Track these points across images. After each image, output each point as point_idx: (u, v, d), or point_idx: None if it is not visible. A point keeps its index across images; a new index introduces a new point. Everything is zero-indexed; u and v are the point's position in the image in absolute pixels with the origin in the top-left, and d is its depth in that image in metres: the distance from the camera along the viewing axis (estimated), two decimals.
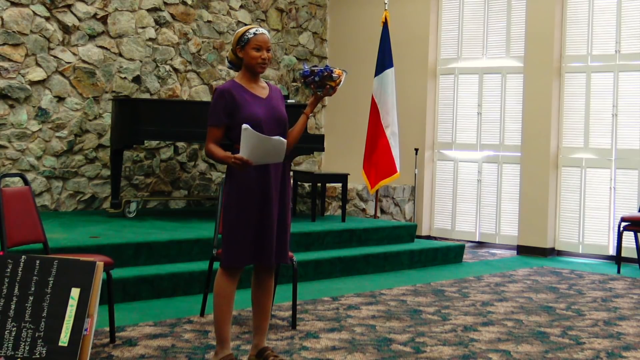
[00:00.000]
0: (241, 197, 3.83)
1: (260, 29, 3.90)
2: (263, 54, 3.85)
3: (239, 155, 3.68)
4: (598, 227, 8.58)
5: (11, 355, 3.54)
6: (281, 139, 3.73)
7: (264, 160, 3.75)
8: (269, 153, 3.73)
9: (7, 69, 7.56)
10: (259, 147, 3.68)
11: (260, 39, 3.85)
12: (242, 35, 3.88)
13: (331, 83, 3.93)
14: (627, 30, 8.49)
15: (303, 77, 3.97)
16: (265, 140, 3.69)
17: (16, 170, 7.58)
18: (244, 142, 3.65)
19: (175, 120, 7.55)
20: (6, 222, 4.16)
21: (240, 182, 3.84)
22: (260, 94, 3.92)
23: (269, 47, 3.88)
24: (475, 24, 9.55)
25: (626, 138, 8.45)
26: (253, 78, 3.93)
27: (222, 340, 3.89)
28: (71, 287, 3.65)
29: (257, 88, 3.94)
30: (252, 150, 3.67)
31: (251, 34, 3.85)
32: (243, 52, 3.87)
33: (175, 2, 8.90)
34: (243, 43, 3.86)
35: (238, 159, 3.67)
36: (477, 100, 9.50)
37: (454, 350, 4.48)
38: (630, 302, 6.10)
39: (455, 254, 8.10)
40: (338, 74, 3.93)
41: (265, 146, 3.69)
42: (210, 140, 3.86)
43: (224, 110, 3.82)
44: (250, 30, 3.88)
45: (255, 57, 3.85)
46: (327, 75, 3.92)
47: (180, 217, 8.00)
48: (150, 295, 5.67)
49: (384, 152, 8.61)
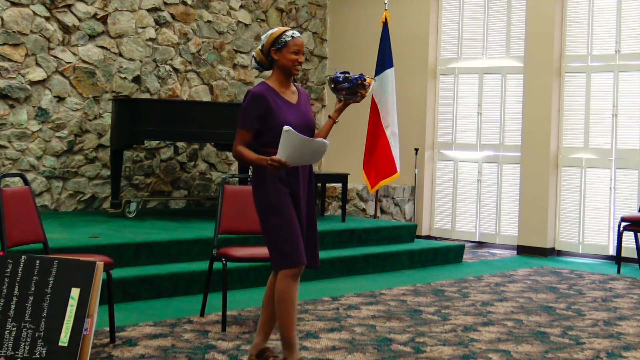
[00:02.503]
0: (277, 198, 3.80)
1: (296, 32, 3.91)
2: (300, 57, 3.86)
3: (276, 157, 3.64)
4: (598, 227, 8.58)
5: (11, 355, 3.54)
6: (324, 141, 3.71)
7: (300, 162, 3.74)
8: (307, 155, 3.71)
9: (7, 69, 7.56)
10: (299, 149, 3.65)
11: (299, 43, 3.85)
12: (278, 37, 3.85)
13: (362, 91, 3.91)
14: (627, 30, 8.49)
15: (334, 83, 3.92)
16: (307, 143, 3.67)
17: (16, 170, 7.58)
18: (284, 143, 3.61)
19: (175, 120, 7.55)
20: (6, 222, 4.16)
21: (272, 185, 3.80)
22: (291, 99, 3.91)
23: (304, 50, 3.91)
24: (475, 24, 9.55)
25: (626, 138, 8.45)
26: (285, 81, 3.92)
27: (290, 344, 3.83)
28: (71, 287, 3.65)
29: (288, 93, 3.92)
30: (292, 152, 3.63)
31: (289, 37, 3.84)
32: (279, 54, 3.85)
33: (175, 2, 8.90)
34: (280, 45, 3.84)
35: (275, 160, 3.63)
36: (477, 100, 9.50)
37: (454, 350, 4.48)
38: (630, 302, 6.10)
39: (455, 254, 8.10)
40: (369, 83, 3.91)
41: (306, 148, 3.67)
42: (239, 142, 3.83)
43: (257, 115, 3.79)
44: (287, 32, 3.87)
45: (293, 60, 3.84)
46: (360, 84, 3.89)
47: (180, 217, 8.00)
48: (150, 295, 5.67)
49: (384, 152, 8.60)
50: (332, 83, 3.94)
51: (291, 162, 3.67)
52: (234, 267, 5.92)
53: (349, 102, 3.96)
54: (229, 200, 5.09)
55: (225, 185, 5.11)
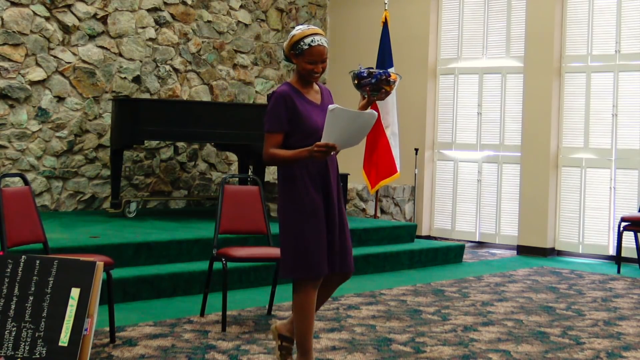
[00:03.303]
0: (309, 204, 3.68)
1: (317, 38, 3.66)
2: (317, 67, 3.68)
3: (321, 142, 3.48)
4: (598, 227, 8.58)
5: (11, 355, 3.54)
6: (373, 112, 3.53)
7: (349, 143, 3.55)
8: (355, 133, 3.53)
9: (7, 69, 7.56)
10: (346, 128, 3.48)
11: (316, 52, 3.65)
12: (297, 42, 3.67)
13: (387, 87, 3.77)
14: (627, 30, 8.49)
15: (358, 79, 3.78)
16: (356, 117, 3.48)
17: (16, 170, 7.58)
18: (331, 124, 3.44)
19: (175, 120, 7.55)
20: (6, 222, 4.16)
21: (304, 190, 3.68)
22: (316, 100, 3.78)
23: (325, 57, 3.69)
24: (475, 24, 9.55)
25: (626, 138, 8.45)
26: (308, 82, 3.79)
27: (306, 351, 3.78)
28: (71, 287, 3.65)
29: (312, 93, 3.79)
30: (340, 133, 3.46)
31: (306, 46, 3.65)
32: (297, 60, 3.71)
33: (175, 2, 8.90)
34: (297, 52, 3.68)
35: (322, 145, 3.48)
36: (477, 100, 9.50)
37: (454, 350, 4.48)
38: (630, 302, 6.10)
39: (455, 254, 8.10)
40: (394, 79, 3.78)
41: (354, 125, 3.49)
42: (270, 145, 3.67)
43: (285, 115, 3.65)
44: (306, 40, 3.65)
45: (308, 70, 3.69)
46: (384, 80, 3.75)
47: (180, 217, 8.00)
48: (150, 295, 5.67)
49: (384, 152, 8.60)
50: (355, 79, 3.80)
51: (341, 145, 3.50)
52: (234, 267, 5.92)
53: (373, 99, 3.79)
54: (229, 200, 5.09)
55: (225, 185, 5.11)
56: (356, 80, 3.80)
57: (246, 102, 9.51)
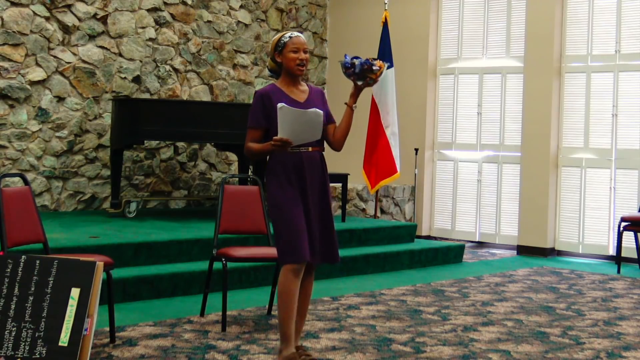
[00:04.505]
0: (286, 192, 3.94)
1: (295, 32, 4.04)
2: (300, 55, 3.97)
3: (277, 137, 3.81)
4: (598, 227, 8.58)
5: (11, 355, 3.54)
6: (317, 111, 3.88)
7: (303, 137, 3.88)
8: (307, 129, 3.87)
9: (7, 69, 7.56)
10: (296, 124, 3.81)
11: (297, 41, 3.98)
12: (278, 40, 4.02)
13: (371, 75, 3.98)
14: (627, 30, 8.49)
15: (344, 68, 4.01)
16: (302, 115, 3.83)
17: (16, 170, 7.58)
18: (281, 121, 3.79)
19: (175, 120, 7.55)
20: (6, 222, 4.16)
21: (278, 181, 3.96)
22: (299, 98, 4.02)
23: (306, 48, 4.01)
24: (475, 24, 9.55)
25: (626, 138, 8.45)
26: (293, 82, 4.05)
27: (287, 338, 3.91)
28: (71, 287, 3.65)
29: (296, 92, 4.05)
30: (290, 128, 3.80)
31: (287, 38, 3.99)
32: (281, 56, 4.00)
33: (175, 2, 8.90)
34: (280, 47, 4.00)
35: (277, 139, 3.80)
36: (477, 100, 9.50)
37: (454, 350, 4.48)
38: (630, 302, 6.10)
39: (455, 254, 8.10)
40: (379, 66, 3.97)
41: (303, 121, 3.83)
42: (248, 140, 4.01)
43: (262, 113, 3.96)
44: (286, 34, 4.02)
45: (293, 59, 3.97)
46: (367, 69, 3.97)
47: (180, 217, 8.00)
48: (150, 295, 5.67)
49: (384, 152, 8.60)
50: (343, 68, 4.03)
51: (293, 139, 3.83)
52: (234, 267, 5.92)
53: (361, 87, 4.03)
54: (229, 200, 5.09)
55: (225, 185, 5.11)
56: (343, 70, 4.03)
57: (246, 102, 9.51)
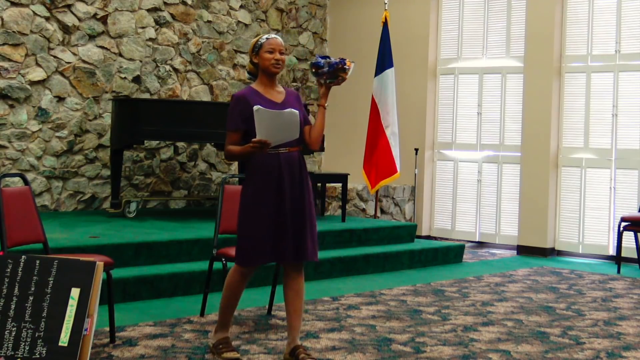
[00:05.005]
0: (258, 196, 4.00)
1: (272, 35, 4.15)
2: (276, 55, 4.05)
3: (255, 138, 3.85)
4: (598, 227, 8.58)
5: (11, 355, 3.54)
6: (292, 110, 3.93)
7: (280, 138, 3.93)
8: (284, 129, 3.92)
9: (7, 69, 7.56)
10: (273, 125, 3.86)
11: (273, 42, 4.07)
12: (255, 42, 4.11)
13: (343, 75, 4.09)
14: (627, 30, 8.49)
15: (315, 67, 4.08)
16: (278, 116, 3.88)
17: (16, 170, 7.58)
18: (258, 123, 3.84)
19: (175, 120, 7.55)
20: (6, 222, 4.16)
21: (258, 182, 4.01)
22: (276, 99, 4.09)
23: (282, 50, 4.09)
24: (475, 24, 9.55)
25: (626, 138, 8.45)
26: (269, 83, 4.12)
27: (223, 324, 4.18)
28: (71, 287, 3.65)
29: (273, 93, 4.12)
30: (268, 129, 3.85)
31: (264, 39, 4.09)
32: (258, 57, 4.09)
33: (175, 2, 8.90)
34: (257, 49, 4.09)
35: (255, 141, 3.85)
36: (477, 100, 9.50)
37: (454, 350, 4.48)
38: (630, 302, 6.10)
39: (455, 254, 8.10)
40: (349, 66, 4.09)
41: (279, 121, 3.89)
42: (228, 142, 4.06)
43: (240, 115, 4.01)
44: (263, 36, 4.13)
45: (268, 59, 4.05)
46: (340, 68, 4.07)
47: (180, 217, 8.00)
48: (150, 295, 5.67)
49: (384, 152, 8.60)
50: (313, 67, 4.10)
51: (272, 139, 3.88)
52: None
53: (330, 86, 4.12)
54: (229, 200, 5.09)
55: (225, 185, 5.12)
56: (314, 69, 4.10)
57: None
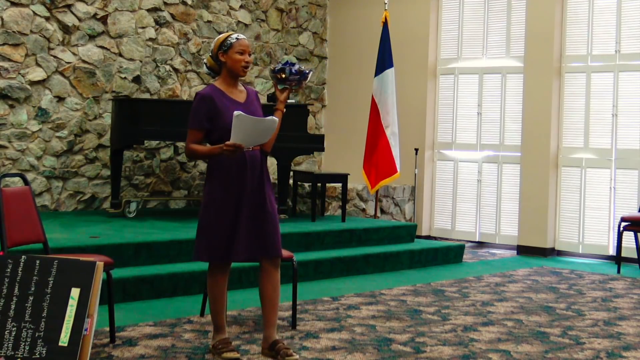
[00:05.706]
0: (219, 196, 4.03)
1: (241, 35, 4.12)
2: (246, 57, 4.06)
3: (230, 142, 3.85)
4: (598, 227, 8.58)
5: (11, 355, 3.54)
6: (274, 118, 3.97)
7: (253, 142, 3.98)
8: (259, 134, 3.97)
9: (7, 69, 7.56)
10: (251, 131, 3.90)
11: (244, 44, 4.06)
12: (224, 40, 4.07)
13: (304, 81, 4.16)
14: (627, 30, 8.49)
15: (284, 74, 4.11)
16: (259, 123, 3.92)
17: (16, 170, 7.58)
18: (237, 127, 3.85)
19: (175, 120, 7.54)
20: (6, 222, 4.16)
21: (220, 181, 4.04)
22: (239, 99, 4.12)
23: (250, 52, 4.11)
24: (475, 24, 9.55)
25: (626, 138, 8.45)
26: (233, 82, 4.15)
27: (218, 327, 4.21)
28: (71, 287, 3.65)
29: (236, 92, 4.14)
30: (245, 134, 3.88)
31: (234, 39, 4.06)
32: (226, 55, 4.06)
33: (175, 2, 8.90)
34: (226, 47, 4.05)
35: (230, 144, 3.85)
36: (477, 100, 9.50)
37: (454, 350, 4.48)
38: (630, 302, 6.10)
39: (455, 254, 8.10)
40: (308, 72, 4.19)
41: (259, 128, 3.93)
42: (190, 141, 4.08)
43: (205, 115, 4.03)
44: (232, 35, 4.09)
45: (239, 60, 4.05)
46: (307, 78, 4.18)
47: (180, 217, 8.00)
48: (150, 295, 5.67)
49: (384, 152, 8.60)
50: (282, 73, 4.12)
51: (246, 144, 3.93)
52: (234, 267, 5.90)
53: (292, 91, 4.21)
54: None
55: None
56: (282, 75, 4.12)
57: None
